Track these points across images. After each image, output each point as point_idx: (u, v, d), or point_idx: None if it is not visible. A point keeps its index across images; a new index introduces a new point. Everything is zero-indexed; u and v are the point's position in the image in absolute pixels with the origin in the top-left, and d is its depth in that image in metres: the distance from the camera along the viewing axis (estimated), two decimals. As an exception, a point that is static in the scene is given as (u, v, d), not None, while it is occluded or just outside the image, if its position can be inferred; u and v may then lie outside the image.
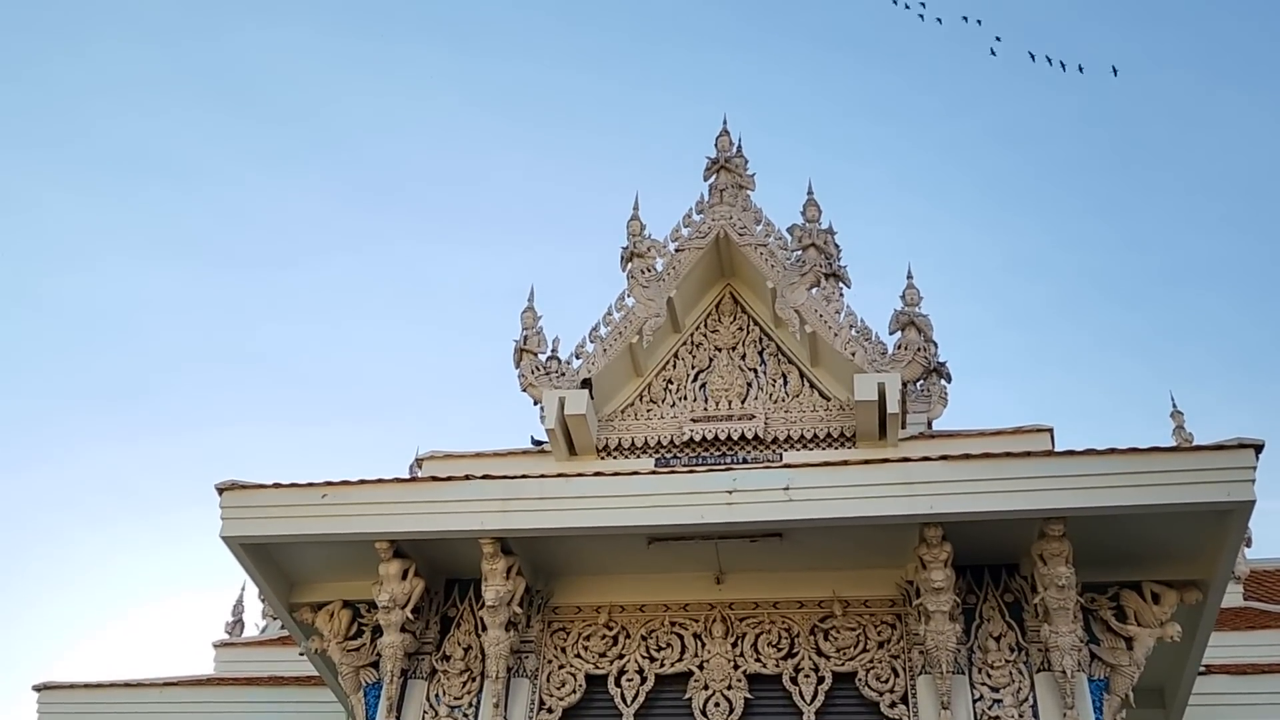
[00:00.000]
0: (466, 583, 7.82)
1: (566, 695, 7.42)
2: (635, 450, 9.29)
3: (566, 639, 7.64)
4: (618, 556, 7.51)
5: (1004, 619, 7.12)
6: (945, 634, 6.80)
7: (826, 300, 9.47)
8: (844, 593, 7.41)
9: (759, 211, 10.19)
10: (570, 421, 9.09)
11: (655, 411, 9.49)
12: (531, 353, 9.58)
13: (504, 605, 7.20)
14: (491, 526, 7.12)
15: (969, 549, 6.98)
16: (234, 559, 7.52)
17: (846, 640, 7.29)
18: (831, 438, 9.07)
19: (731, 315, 9.96)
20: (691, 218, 10.20)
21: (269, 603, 8.18)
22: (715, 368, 9.63)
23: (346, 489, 7.34)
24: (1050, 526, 6.67)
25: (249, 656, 11.46)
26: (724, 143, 10.61)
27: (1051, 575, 6.69)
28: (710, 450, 9.11)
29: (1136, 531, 6.76)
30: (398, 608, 7.32)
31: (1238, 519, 6.48)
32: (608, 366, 9.45)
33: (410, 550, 7.43)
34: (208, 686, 9.97)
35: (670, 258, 9.96)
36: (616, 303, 9.83)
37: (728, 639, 7.42)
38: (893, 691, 7.06)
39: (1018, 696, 6.84)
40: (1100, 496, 6.52)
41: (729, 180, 10.31)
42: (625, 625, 7.60)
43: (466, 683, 7.47)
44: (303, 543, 7.44)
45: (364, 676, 7.64)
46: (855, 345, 9.11)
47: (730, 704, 7.19)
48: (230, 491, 7.41)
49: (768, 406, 9.29)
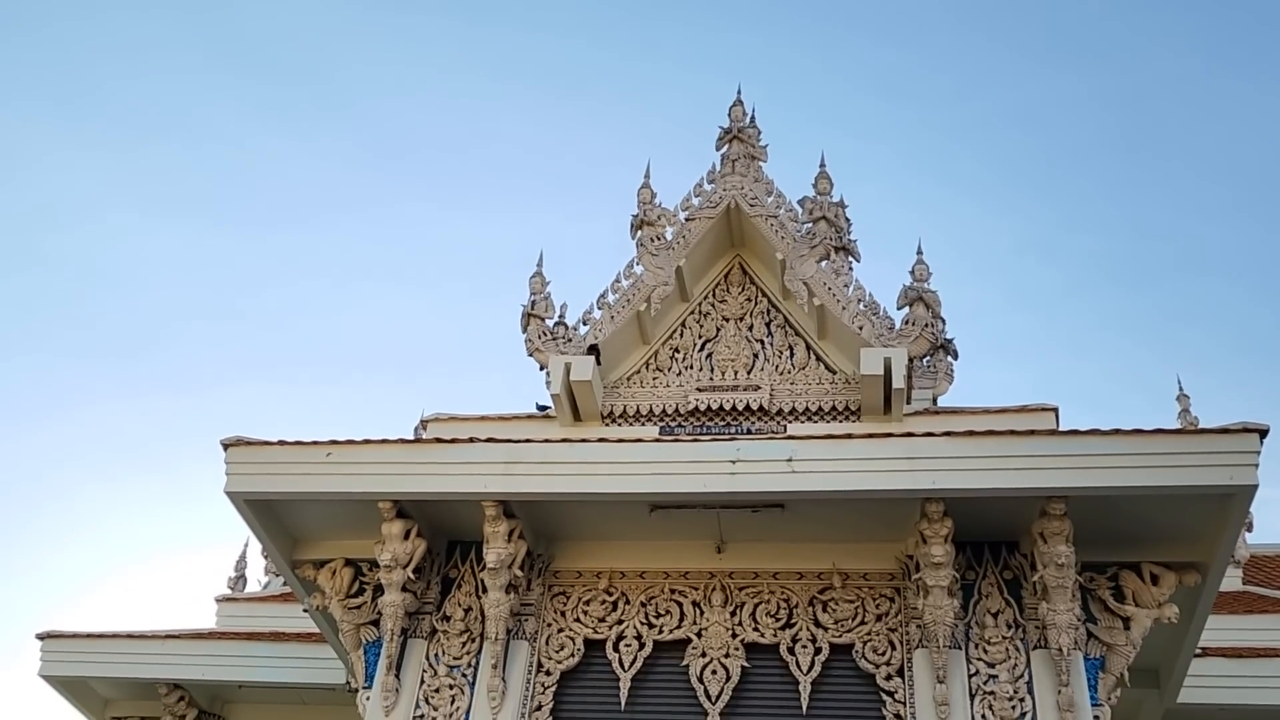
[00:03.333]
0: (468, 545, 7.86)
1: (565, 658, 7.47)
2: (640, 418, 9.30)
3: (566, 603, 7.68)
4: (619, 523, 7.54)
5: (1002, 596, 7.15)
6: (943, 609, 6.83)
7: (835, 274, 9.44)
8: (844, 565, 7.44)
9: (770, 183, 10.14)
10: (576, 387, 9.10)
11: (661, 380, 9.50)
12: (539, 318, 9.58)
13: (505, 568, 7.24)
14: (494, 489, 7.15)
15: (970, 525, 6.99)
16: (238, 515, 7.56)
17: (845, 612, 7.32)
18: (836, 411, 9.07)
19: (740, 286, 9.94)
20: (702, 187, 10.16)
21: (272, 559, 8.23)
22: (722, 338, 9.62)
23: (351, 448, 7.37)
24: (1051, 505, 6.69)
25: (251, 612, 11.53)
26: (737, 113, 10.55)
27: (1051, 554, 6.71)
28: (715, 420, 9.12)
29: (1138, 512, 6.77)
30: (399, 567, 7.36)
31: (1239, 503, 6.49)
32: (615, 333, 9.45)
33: (413, 511, 7.46)
34: (209, 640, 10.04)
35: (680, 227, 9.94)
36: (625, 270, 9.81)
37: (726, 608, 7.45)
38: (889, 664, 7.10)
39: (1013, 672, 6.88)
40: (1103, 477, 6.53)
41: (741, 151, 10.27)
42: (625, 591, 7.64)
43: (466, 643, 7.52)
44: (306, 500, 7.48)
45: (364, 634, 7.70)
46: (863, 319, 9.10)
47: (727, 672, 7.24)
48: (235, 447, 7.44)
49: (773, 378, 9.29)
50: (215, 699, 10.35)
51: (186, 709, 10.05)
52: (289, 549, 7.91)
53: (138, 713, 10.35)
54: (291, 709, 10.20)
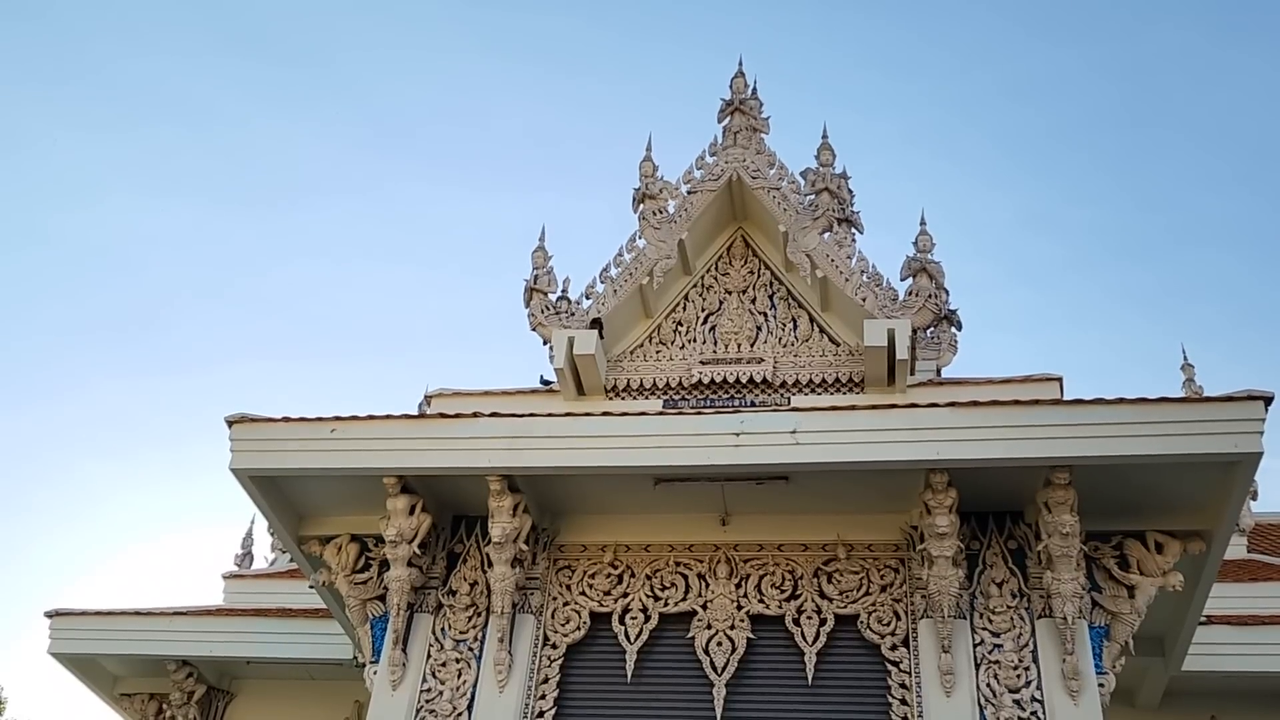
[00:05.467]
0: (473, 519, 7.87)
1: (571, 632, 7.50)
2: (644, 391, 9.30)
3: (572, 577, 7.70)
4: (624, 496, 7.55)
5: (1007, 565, 7.16)
6: (948, 579, 6.84)
7: (839, 245, 9.42)
8: (848, 536, 7.45)
9: (772, 155, 10.10)
10: (579, 361, 9.09)
11: (664, 353, 9.49)
12: (541, 292, 9.57)
13: (510, 542, 7.26)
14: (499, 464, 7.15)
15: (974, 495, 7.00)
16: (243, 492, 7.57)
17: (849, 583, 7.34)
18: (840, 383, 9.07)
19: (743, 259, 9.91)
20: (704, 160, 10.12)
21: (278, 535, 8.27)
22: (725, 311, 9.60)
23: (355, 424, 7.37)
24: (1056, 475, 6.68)
25: (258, 589, 11.58)
26: (739, 84, 10.50)
27: (1056, 523, 6.71)
28: (718, 393, 9.11)
29: (1142, 481, 6.77)
30: (405, 543, 7.37)
31: (1244, 470, 6.47)
32: (618, 307, 9.43)
33: (418, 486, 7.47)
34: (216, 616, 10.08)
35: (682, 200, 9.91)
36: (627, 244, 9.79)
37: (731, 580, 7.47)
38: (894, 634, 7.12)
39: (1018, 641, 6.89)
40: (1107, 446, 6.52)
41: (743, 123, 10.22)
42: (630, 564, 7.66)
43: (472, 617, 7.55)
44: (311, 476, 7.48)
45: (371, 609, 7.72)
46: (866, 291, 9.08)
47: (733, 643, 7.26)
48: (240, 424, 7.45)
49: (777, 350, 9.28)
50: (223, 675, 10.40)
51: (195, 685, 10.10)
52: (294, 525, 7.92)
53: (147, 689, 10.40)
54: (299, 684, 10.25)
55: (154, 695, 10.37)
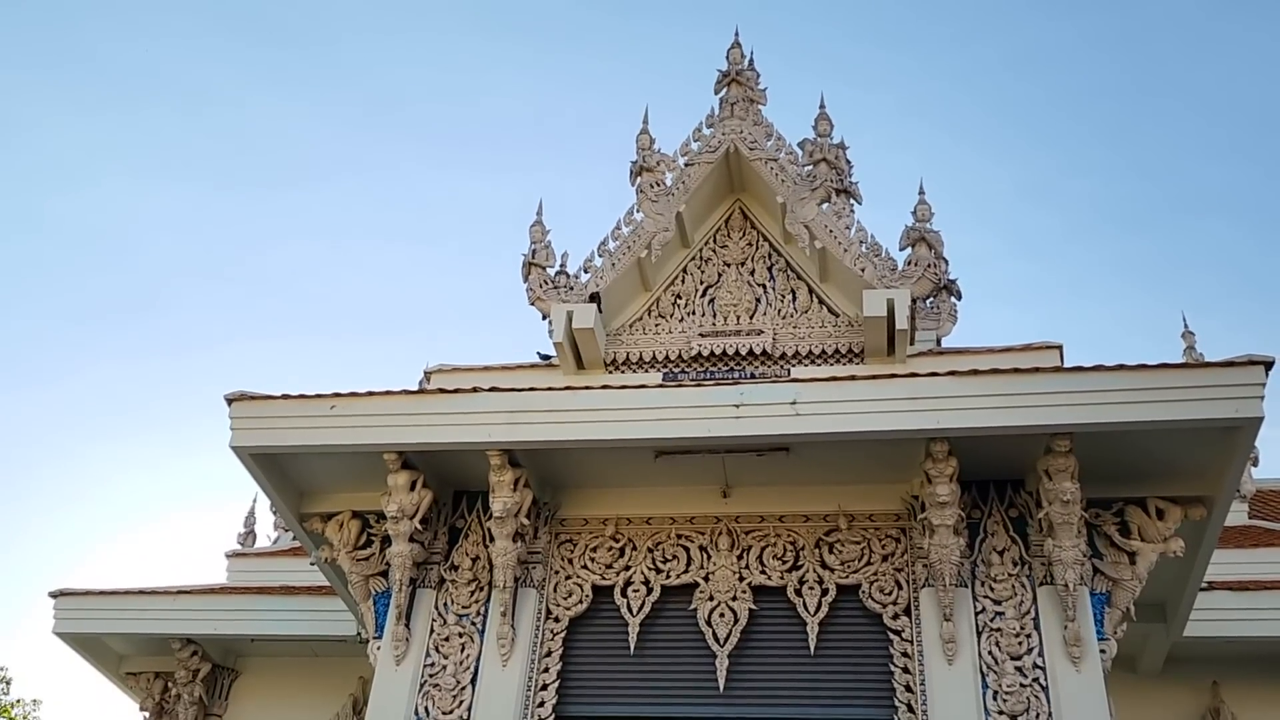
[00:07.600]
0: (474, 494, 7.87)
1: (573, 605, 7.51)
2: (643, 364, 9.29)
3: (574, 550, 7.71)
4: (625, 469, 7.55)
5: (1008, 533, 7.16)
6: (949, 548, 6.84)
7: (837, 216, 9.39)
8: (849, 507, 7.45)
9: (770, 126, 10.06)
10: (578, 335, 9.08)
11: (663, 326, 9.48)
12: (540, 267, 9.55)
13: (511, 517, 7.26)
14: (499, 439, 7.15)
15: (974, 464, 6.99)
16: (244, 470, 7.57)
17: (851, 553, 7.34)
18: (840, 353, 9.06)
19: (741, 230, 9.89)
20: (701, 132, 10.08)
21: (279, 513, 8.26)
22: (724, 283, 9.58)
23: (355, 400, 7.36)
24: (1057, 442, 6.67)
25: (261, 566, 11.59)
26: (735, 55, 10.44)
27: (1057, 490, 6.71)
28: (718, 365, 9.10)
29: (1143, 448, 6.76)
30: (406, 518, 7.38)
31: (1245, 436, 6.47)
32: (616, 281, 9.42)
33: (418, 462, 7.47)
34: (220, 595, 10.10)
35: (679, 172, 9.87)
36: (625, 217, 9.76)
37: (733, 551, 7.48)
38: (896, 604, 7.13)
39: (1020, 609, 6.91)
40: (1108, 413, 6.51)
41: (740, 94, 10.17)
42: (632, 537, 7.67)
43: (474, 592, 7.56)
44: (312, 453, 7.48)
45: (373, 585, 7.73)
46: (865, 261, 9.06)
47: (735, 615, 7.27)
48: (239, 402, 7.44)
49: (776, 322, 9.26)
50: (228, 653, 10.43)
51: (200, 663, 10.13)
52: (296, 503, 7.93)
53: (152, 668, 10.44)
54: (303, 661, 10.28)
55: (159, 674, 10.41)
